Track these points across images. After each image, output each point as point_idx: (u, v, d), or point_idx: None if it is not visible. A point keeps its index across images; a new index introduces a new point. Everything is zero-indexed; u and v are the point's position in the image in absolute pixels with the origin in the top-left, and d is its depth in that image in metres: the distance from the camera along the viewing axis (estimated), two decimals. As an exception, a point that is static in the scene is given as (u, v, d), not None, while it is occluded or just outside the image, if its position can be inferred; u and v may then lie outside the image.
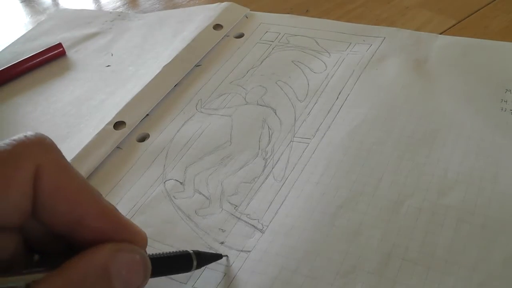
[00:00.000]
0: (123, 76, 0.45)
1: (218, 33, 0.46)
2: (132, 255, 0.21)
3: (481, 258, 0.25)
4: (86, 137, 0.37)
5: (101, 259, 0.19)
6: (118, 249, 0.20)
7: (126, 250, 0.20)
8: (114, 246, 0.20)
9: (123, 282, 0.20)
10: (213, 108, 0.39)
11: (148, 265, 0.21)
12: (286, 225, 0.29)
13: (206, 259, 0.27)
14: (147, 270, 0.21)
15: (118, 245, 0.20)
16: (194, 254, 0.25)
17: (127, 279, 0.20)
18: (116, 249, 0.20)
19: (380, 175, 0.30)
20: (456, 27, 0.43)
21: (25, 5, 0.66)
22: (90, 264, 0.19)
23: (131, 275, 0.20)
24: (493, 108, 0.33)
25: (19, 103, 0.46)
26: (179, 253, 0.25)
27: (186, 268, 0.25)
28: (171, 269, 0.25)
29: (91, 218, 0.20)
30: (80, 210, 0.20)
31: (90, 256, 0.19)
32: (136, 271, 0.21)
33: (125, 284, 0.20)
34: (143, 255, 0.21)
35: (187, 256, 0.25)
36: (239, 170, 0.33)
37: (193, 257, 0.25)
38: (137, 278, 0.21)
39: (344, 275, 0.26)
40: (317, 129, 0.35)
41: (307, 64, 0.41)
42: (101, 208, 0.21)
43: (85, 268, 0.19)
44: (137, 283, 0.21)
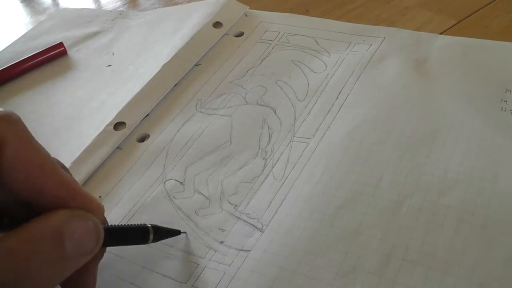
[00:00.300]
0: (124, 76, 0.45)
1: (218, 32, 0.46)
2: (85, 221, 0.22)
3: (481, 258, 0.25)
4: (87, 139, 0.37)
5: (55, 222, 0.21)
6: (72, 215, 0.22)
7: (79, 216, 0.22)
8: (69, 212, 0.22)
9: (74, 245, 0.22)
10: (213, 108, 0.39)
11: (100, 232, 0.23)
12: (285, 224, 0.29)
13: (163, 233, 0.28)
14: (99, 236, 0.23)
15: (73, 211, 0.22)
16: (151, 228, 0.27)
17: (79, 243, 0.22)
18: (71, 215, 0.22)
19: (380, 175, 0.30)
20: (456, 27, 0.43)
21: (25, 5, 0.66)
22: (44, 226, 0.21)
23: (83, 240, 0.22)
24: (493, 108, 0.33)
25: (19, 103, 0.46)
26: (136, 226, 0.27)
27: (142, 240, 0.27)
28: (128, 240, 0.27)
29: (50, 187, 0.22)
30: (40, 180, 0.22)
31: (45, 219, 0.21)
32: (88, 236, 0.22)
33: (76, 247, 0.22)
34: (95, 222, 0.23)
35: (143, 229, 0.27)
36: (239, 170, 0.33)
37: (150, 230, 0.27)
38: (88, 242, 0.22)
39: (344, 275, 0.26)
40: (317, 129, 0.35)
41: (307, 63, 0.41)
42: (59, 178, 0.23)
43: (39, 230, 0.21)
44: (88, 247, 0.22)
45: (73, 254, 0.22)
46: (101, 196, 0.34)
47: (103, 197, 0.33)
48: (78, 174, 0.35)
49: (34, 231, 0.21)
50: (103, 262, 0.29)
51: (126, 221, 0.31)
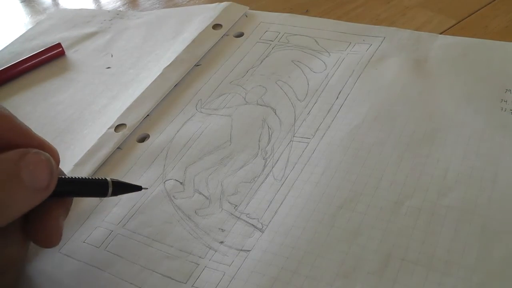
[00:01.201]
0: (124, 79, 0.45)
1: (218, 33, 0.46)
2: (38, 155, 0.24)
3: (481, 258, 0.25)
4: (89, 142, 0.37)
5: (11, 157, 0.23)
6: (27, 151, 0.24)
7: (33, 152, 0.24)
8: (24, 149, 0.24)
9: (30, 176, 0.23)
10: (213, 108, 0.39)
11: (53, 165, 0.25)
12: (285, 224, 0.29)
13: (122, 188, 0.29)
14: (52, 169, 0.25)
15: (27, 149, 0.24)
16: (111, 181, 0.28)
17: (34, 174, 0.24)
18: (25, 151, 0.24)
19: (380, 175, 0.30)
20: (456, 27, 0.43)
21: (25, 5, 0.66)
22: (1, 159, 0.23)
23: (37, 171, 0.24)
24: (493, 108, 0.33)
25: (18, 103, 0.45)
26: (96, 179, 0.28)
27: (101, 193, 0.28)
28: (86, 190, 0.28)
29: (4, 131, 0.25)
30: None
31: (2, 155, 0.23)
32: (42, 168, 0.24)
33: (32, 178, 0.24)
34: (48, 157, 0.25)
35: (102, 181, 0.28)
36: (239, 170, 0.33)
37: (110, 184, 0.28)
38: (43, 175, 0.24)
39: (344, 276, 0.26)
40: (317, 129, 0.35)
41: (307, 63, 0.41)
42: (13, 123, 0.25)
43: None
44: (44, 180, 0.24)
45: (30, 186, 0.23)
46: (100, 196, 0.34)
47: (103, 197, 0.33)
48: (80, 175, 0.35)
49: None
50: (103, 262, 0.29)
51: (126, 221, 0.31)
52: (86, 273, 0.29)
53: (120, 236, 0.30)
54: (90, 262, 0.29)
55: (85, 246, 0.30)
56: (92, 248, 0.30)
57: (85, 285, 0.28)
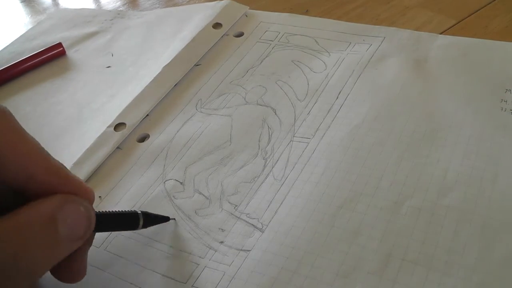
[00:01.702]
0: (124, 77, 0.45)
1: (218, 32, 0.46)
2: (77, 206, 0.23)
3: (481, 258, 0.25)
4: (88, 140, 0.37)
5: (48, 208, 0.22)
6: (65, 200, 0.23)
7: (72, 201, 0.23)
8: (61, 197, 0.23)
9: (67, 230, 0.22)
10: (213, 108, 0.39)
11: (92, 217, 0.24)
12: (285, 224, 0.29)
13: (152, 219, 0.29)
14: (90, 221, 0.24)
15: (65, 196, 0.23)
16: (141, 214, 0.28)
17: (72, 227, 0.22)
18: (63, 200, 0.23)
19: (380, 175, 0.30)
20: (456, 27, 0.43)
21: (25, 4, 0.66)
22: (38, 211, 0.22)
23: (76, 224, 0.23)
24: (493, 108, 0.33)
25: (18, 103, 0.45)
26: (127, 212, 0.28)
27: (132, 226, 0.28)
28: (119, 225, 0.28)
29: (40, 174, 0.23)
30: (30, 168, 0.22)
31: (39, 205, 0.22)
32: (80, 221, 0.23)
33: (69, 232, 0.22)
34: (87, 207, 0.24)
35: (133, 214, 0.28)
36: (239, 170, 0.33)
37: (140, 216, 0.28)
38: (81, 227, 0.23)
39: (344, 276, 0.26)
40: (317, 129, 0.35)
41: (307, 63, 0.41)
42: (50, 165, 0.23)
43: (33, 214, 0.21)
44: (80, 231, 0.23)
45: (66, 239, 0.22)
46: (101, 196, 0.34)
47: (103, 197, 0.33)
48: (79, 175, 0.35)
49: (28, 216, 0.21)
50: (103, 262, 0.29)
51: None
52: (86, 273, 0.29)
53: (120, 236, 0.30)
54: (90, 262, 0.29)
55: (85, 246, 0.30)
56: (92, 248, 0.30)
57: (85, 285, 0.28)
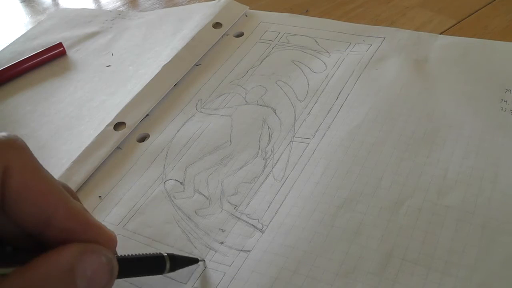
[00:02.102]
0: (123, 76, 0.45)
1: (218, 32, 0.46)
2: (98, 257, 0.21)
3: (481, 258, 0.25)
4: (87, 139, 0.37)
5: (66, 260, 0.20)
6: (85, 251, 0.21)
7: (92, 252, 0.21)
8: (81, 247, 0.21)
9: (87, 283, 0.20)
10: (213, 108, 0.39)
11: (114, 267, 0.22)
12: (286, 225, 0.29)
13: (180, 262, 0.27)
14: (112, 272, 0.22)
15: (85, 246, 0.21)
16: (167, 257, 0.25)
17: (92, 280, 0.20)
18: (83, 251, 0.20)
19: (380, 175, 0.30)
20: (456, 27, 0.43)
21: (25, 5, 0.66)
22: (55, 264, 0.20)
23: (96, 277, 0.21)
24: (493, 108, 0.33)
25: (19, 103, 0.46)
26: (151, 255, 0.25)
27: (159, 270, 0.25)
28: (143, 270, 0.25)
29: (59, 219, 0.21)
30: (48, 211, 0.21)
31: (56, 256, 0.20)
32: (101, 273, 0.21)
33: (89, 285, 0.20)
34: (109, 257, 0.21)
35: (160, 258, 0.25)
36: (239, 170, 0.33)
37: (166, 260, 0.25)
38: (102, 279, 0.21)
39: (344, 276, 0.26)
40: (317, 129, 0.35)
41: (307, 64, 0.41)
42: (69, 209, 0.21)
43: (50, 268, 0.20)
44: (101, 284, 0.21)
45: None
46: (101, 196, 0.34)
47: (103, 197, 0.33)
48: (78, 174, 0.35)
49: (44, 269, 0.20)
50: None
51: (126, 222, 0.31)
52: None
53: (120, 236, 0.30)
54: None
55: (86, 246, 0.30)
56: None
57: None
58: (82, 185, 0.34)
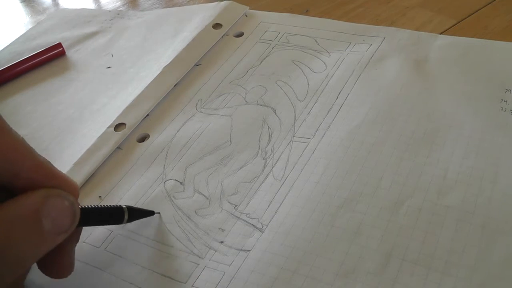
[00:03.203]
0: (124, 78, 0.45)
1: (218, 32, 0.46)
2: (61, 200, 0.23)
3: (481, 258, 0.25)
4: (88, 141, 0.37)
5: (33, 202, 0.22)
6: (49, 194, 0.23)
7: (56, 195, 0.23)
8: (46, 192, 0.23)
9: (51, 223, 0.22)
10: (213, 108, 0.39)
11: (76, 210, 0.24)
12: (285, 224, 0.29)
13: (137, 213, 0.30)
14: (75, 214, 0.24)
15: (49, 191, 0.23)
16: (126, 208, 0.28)
17: (56, 221, 0.23)
18: (47, 194, 0.23)
19: (380, 175, 0.30)
20: (456, 27, 0.43)
21: (25, 5, 0.66)
22: (22, 205, 0.22)
23: (60, 218, 0.23)
24: (493, 108, 0.33)
25: (18, 103, 0.46)
26: (111, 206, 0.28)
27: (117, 220, 0.28)
28: (103, 220, 0.28)
29: (26, 170, 0.23)
30: (16, 163, 0.23)
31: (23, 199, 0.22)
32: (64, 214, 0.23)
33: (53, 225, 0.23)
34: (71, 200, 0.24)
35: (118, 209, 0.28)
36: (239, 170, 0.33)
37: (125, 211, 0.28)
38: (65, 220, 0.23)
39: (344, 275, 0.26)
40: (317, 129, 0.35)
41: (307, 63, 0.41)
42: (35, 162, 0.24)
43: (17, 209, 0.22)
44: (65, 225, 0.23)
45: (50, 232, 0.22)
46: (101, 196, 0.34)
47: (103, 197, 0.33)
48: (79, 175, 0.35)
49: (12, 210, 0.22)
50: (103, 262, 0.29)
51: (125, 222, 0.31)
52: (86, 273, 0.29)
53: (120, 236, 0.30)
54: (90, 262, 0.29)
55: (85, 246, 0.30)
56: (92, 248, 0.30)
57: (85, 285, 0.28)
58: (82, 185, 0.34)
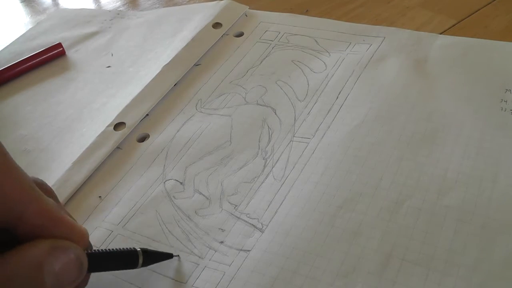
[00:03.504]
0: (124, 77, 0.45)
1: (217, 32, 0.46)
2: (67, 254, 0.22)
3: (481, 258, 0.25)
4: (88, 140, 0.37)
5: (35, 256, 0.21)
6: (53, 247, 0.21)
7: (61, 248, 0.22)
8: (50, 243, 0.21)
9: (54, 279, 0.21)
10: (213, 108, 0.39)
11: (83, 263, 0.22)
12: (285, 224, 0.29)
13: (153, 257, 0.27)
14: (81, 268, 0.22)
15: (54, 242, 0.21)
16: (140, 252, 0.26)
17: (59, 276, 0.21)
18: (51, 247, 0.21)
19: (380, 175, 0.30)
20: (456, 27, 0.43)
21: (25, 5, 0.66)
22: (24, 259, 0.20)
23: (64, 273, 0.21)
24: (493, 108, 0.33)
25: (18, 103, 0.45)
26: (124, 250, 0.26)
27: (131, 265, 0.26)
28: (116, 265, 0.26)
29: (31, 215, 0.21)
30: (20, 208, 0.21)
31: (25, 251, 0.21)
32: (69, 269, 0.22)
33: (56, 281, 0.21)
34: (78, 253, 0.22)
35: (132, 253, 0.26)
36: (239, 170, 0.33)
37: (139, 255, 0.26)
38: (70, 275, 0.22)
39: (344, 275, 0.26)
40: (317, 129, 0.35)
41: (307, 63, 0.41)
42: (40, 206, 0.22)
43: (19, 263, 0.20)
44: (69, 279, 0.22)
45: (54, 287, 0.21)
46: (101, 196, 0.34)
47: (103, 197, 0.33)
48: (78, 174, 0.35)
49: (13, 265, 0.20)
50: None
51: (126, 222, 0.31)
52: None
53: (120, 236, 0.30)
54: (90, 262, 0.29)
55: (85, 246, 0.30)
56: (92, 248, 0.30)
57: (85, 285, 0.28)
58: (82, 185, 0.34)
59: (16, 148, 0.39)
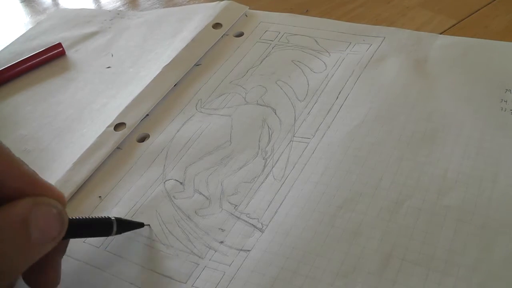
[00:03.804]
0: (124, 78, 0.45)
1: (218, 32, 0.46)
2: (49, 208, 0.23)
3: (481, 258, 0.25)
4: (88, 140, 0.37)
5: (20, 211, 0.22)
6: (37, 202, 0.23)
7: (43, 203, 0.23)
8: (33, 199, 0.23)
9: (39, 232, 0.22)
10: (213, 108, 0.39)
11: (64, 219, 0.24)
12: (285, 224, 0.29)
13: (126, 226, 0.29)
14: (63, 223, 0.24)
15: (37, 199, 0.23)
16: (114, 220, 0.28)
17: (44, 229, 0.22)
18: (35, 202, 0.23)
19: (380, 175, 0.30)
20: (456, 27, 0.43)
21: (25, 5, 0.66)
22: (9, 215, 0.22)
23: (48, 226, 0.23)
24: (493, 108, 0.33)
25: (18, 103, 0.45)
26: (99, 218, 0.28)
27: (105, 232, 0.28)
28: (91, 232, 0.28)
29: (12, 179, 0.23)
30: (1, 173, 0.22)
31: (10, 208, 0.22)
32: (52, 222, 0.23)
33: (41, 234, 0.22)
34: (59, 208, 0.24)
35: (107, 221, 0.28)
36: (239, 170, 0.33)
37: (114, 223, 0.28)
38: (53, 229, 0.23)
39: (344, 275, 0.26)
40: (317, 129, 0.35)
41: (307, 63, 0.41)
42: (21, 171, 0.23)
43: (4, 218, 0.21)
44: (53, 233, 0.23)
45: (38, 240, 0.22)
46: (101, 196, 0.34)
47: (103, 197, 0.33)
48: (79, 174, 0.35)
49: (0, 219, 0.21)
50: (103, 262, 0.29)
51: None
52: (86, 273, 0.29)
53: (120, 236, 0.30)
54: (90, 262, 0.29)
55: (85, 246, 0.30)
56: (92, 248, 0.30)
57: (85, 285, 0.28)
58: (82, 185, 0.34)
59: (16, 148, 0.39)
